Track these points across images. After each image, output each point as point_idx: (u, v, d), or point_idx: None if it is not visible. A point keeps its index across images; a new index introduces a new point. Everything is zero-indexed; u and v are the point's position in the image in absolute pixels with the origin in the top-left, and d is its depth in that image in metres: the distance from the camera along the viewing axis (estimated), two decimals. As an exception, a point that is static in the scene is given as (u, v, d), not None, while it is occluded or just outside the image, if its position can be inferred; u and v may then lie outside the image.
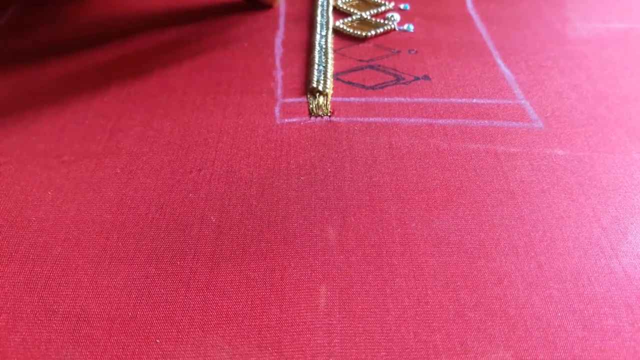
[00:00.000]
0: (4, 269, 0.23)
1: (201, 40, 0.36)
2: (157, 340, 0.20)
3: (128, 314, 0.21)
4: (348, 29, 0.36)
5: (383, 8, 0.39)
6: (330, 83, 0.32)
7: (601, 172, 0.27)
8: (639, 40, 0.37)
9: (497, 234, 0.24)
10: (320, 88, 0.32)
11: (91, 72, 0.34)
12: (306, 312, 0.21)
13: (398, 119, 0.30)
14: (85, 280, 0.22)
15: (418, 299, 0.22)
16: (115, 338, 0.20)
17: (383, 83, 0.33)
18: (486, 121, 0.30)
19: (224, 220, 0.25)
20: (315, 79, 0.32)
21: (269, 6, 0.36)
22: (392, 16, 0.38)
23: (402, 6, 0.39)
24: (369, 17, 0.38)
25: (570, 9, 0.40)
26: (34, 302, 0.22)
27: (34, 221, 0.25)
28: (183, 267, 0.23)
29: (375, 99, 0.32)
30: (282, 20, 0.37)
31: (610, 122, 0.30)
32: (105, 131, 0.30)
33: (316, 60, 0.34)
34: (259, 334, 0.21)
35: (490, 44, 0.36)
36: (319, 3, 0.39)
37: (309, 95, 0.32)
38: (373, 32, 0.36)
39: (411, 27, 0.37)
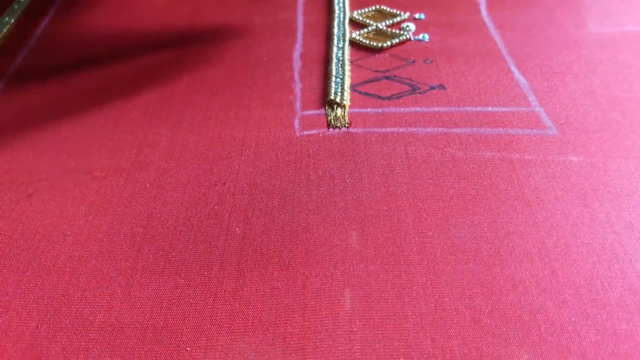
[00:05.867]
0: (43, 281, 0.24)
1: (222, 56, 0.37)
2: (188, 348, 0.22)
3: (160, 324, 0.23)
4: (364, 41, 0.37)
5: (398, 18, 0.39)
6: (347, 95, 0.33)
7: (615, 177, 0.28)
8: (654, 43, 0.37)
9: (512, 241, 0.25)
10: (338, 100, 0.33)
11: (117, 91, 0.35)
12: (328, 319, 0.22)
13: (414, 129, 0.31)
14: (119, 292, 0.24)
15: (435, 306, 0.23)
16: (148, 346, 0.22)
17: (399, 93, 0.33)
18: (501, 129, 0.31)
19: (248, 232, 0.26)
20: (333, 91, 0.33)
21: None
22: (407, 26, 0.38)
23: (417, 15, 0.40)
24: (384, 28, 0.38)
25: (585, 14, 0.40)
26: (72, 314, 0.23)
27: (70, 235, 0.26)
28: (210, 278, 0.24)
29: (392, 109, 0.32)
30: (300, 33, 0.38)
31: (624, 126, 0.31)
32: (133, 147, 0.31)
33: (333, 72, 0.35)
34: (283, 340, 0.22)
35: (504, 51, 0.37)
36: (336, 15, 0.40)
37: (327, 108, 0.33)
38: (389, 43, 0.37)
39: (426, 37, 0.38)
